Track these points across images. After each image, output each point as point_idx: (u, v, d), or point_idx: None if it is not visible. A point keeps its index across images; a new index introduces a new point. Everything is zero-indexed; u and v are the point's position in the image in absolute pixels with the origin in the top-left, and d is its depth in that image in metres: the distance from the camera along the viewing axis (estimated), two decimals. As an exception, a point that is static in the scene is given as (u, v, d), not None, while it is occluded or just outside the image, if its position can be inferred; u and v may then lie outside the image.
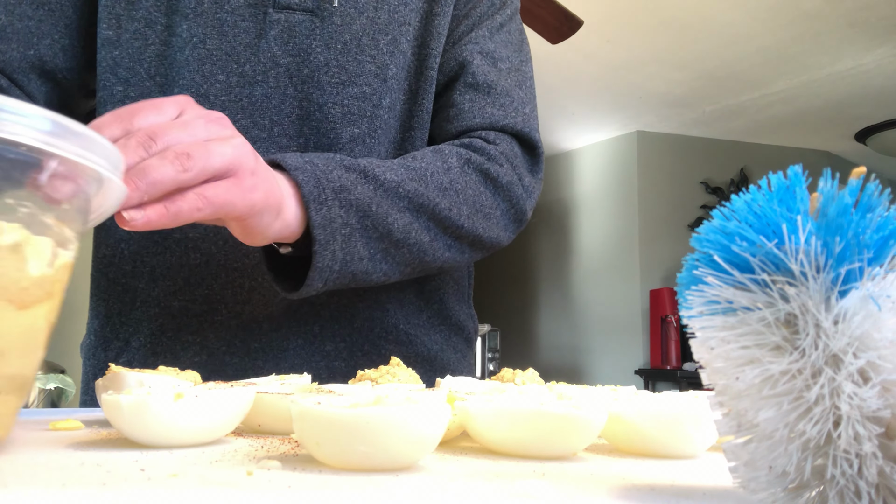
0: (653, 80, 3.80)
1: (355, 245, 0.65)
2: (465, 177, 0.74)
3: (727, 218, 0.28)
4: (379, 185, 0.67)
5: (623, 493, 0.33)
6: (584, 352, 4.81)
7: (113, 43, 0.74)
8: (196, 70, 0.73)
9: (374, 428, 0.35)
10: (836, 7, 2.97)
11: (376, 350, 0.79)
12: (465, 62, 0.81)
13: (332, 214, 0.62)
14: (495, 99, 0.80)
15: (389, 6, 0.78)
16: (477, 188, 0.75)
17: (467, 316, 0.90)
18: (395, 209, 0.68)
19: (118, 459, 0.38)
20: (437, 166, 0.73)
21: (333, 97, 0.75)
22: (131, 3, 0.74)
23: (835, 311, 0.25)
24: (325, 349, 0.77)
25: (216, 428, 0.44)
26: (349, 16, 0.76)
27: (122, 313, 0.77)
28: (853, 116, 4.15)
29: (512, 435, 0.42)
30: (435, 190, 0.71)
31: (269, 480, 0.33)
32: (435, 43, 0.80)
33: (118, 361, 0.76)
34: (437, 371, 0.84)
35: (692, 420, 0.43)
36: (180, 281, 0.74)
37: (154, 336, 0.75)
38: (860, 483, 0.25)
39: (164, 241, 0.74)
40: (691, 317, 0.29)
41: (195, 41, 0.73)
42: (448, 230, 0.72)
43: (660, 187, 4.59)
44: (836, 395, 0.25)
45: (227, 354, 0.75)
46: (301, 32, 0.75)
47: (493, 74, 0.81)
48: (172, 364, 0.73)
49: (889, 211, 0.26)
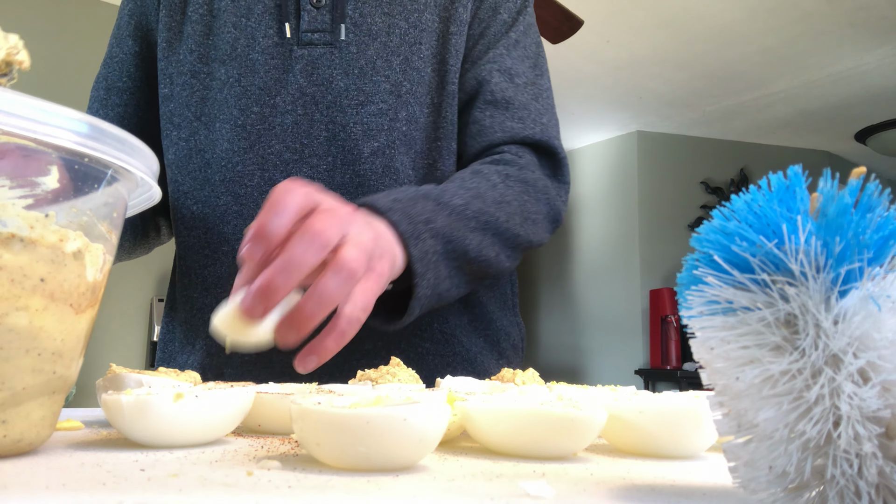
0: (653, 80, 3.80)
1: (440, 269, 0.70)
2: (509, 189, 0.80)
3: (727, 218, 0.28)
4: (451, 211, 0.72)
5: (623, 493, 0.33)
6: (584, 352, 4.81)
7: (168, 98, 0.87)
8: (234, 105, 0.83)
9: (374, 428, 0.35)
10: (836, 7, 2.97)
11: (413, 349, 0.83)
12: (483, 81, 0.87)
13: (425, 247, 0.67)
14: (514, 113, 0.86)
15: (400, 30, 0.85)
16: (521, 197, 0.81)
17: (511, 323, 0.93)
18: (468, 230, 0.73)
19: (118, 459, 0.38)
20: (485, 185, 0.79)
21: (354, 117, 0.83)
22: (179, 60, 0.86)
23: (835, 311, 0.25)
24: (365, 348, 0.81)
25: (216, 428, 0.44)
26: (363, 43, 0.84)
27: (186, 321, 0.87)
28: (853, 116, 4.15)
29: (512, 435, 0.42)
30: (492, 206, 0.77)
31: (269, 480, 0.33)
32: (453, 60, 0.87)
33: (187, 363, 0.86)
34: (479, 374, 0.86)
35: (692, 420, 0.43)
36: (229, 288, 0.81)
37: (209, 339, 0.83)
38: (860, 483, 0.25)
39: (213, 255, 0.84)
40: (691, 317, 0.29)
41: (231, 81, 0.83)
42: (507, 241, 0.79)
43: (660, 187, 4.59)
44: (836, 395, 0.25)
45: (274, 353, 0.81)
46: (322, 64, 0.83)
47: (511, 90, 0.87)
48: (226, 363, 0.82)
49: (889, 211, 0.26)
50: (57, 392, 0.39)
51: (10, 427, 0.36)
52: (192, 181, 0.85)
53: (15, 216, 0.35)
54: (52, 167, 0.37)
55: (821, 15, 3.04)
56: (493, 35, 0.90)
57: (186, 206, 0.85)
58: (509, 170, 0.83)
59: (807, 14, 3.04)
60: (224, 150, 0.83)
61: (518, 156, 0.85)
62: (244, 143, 0.82)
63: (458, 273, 0.73)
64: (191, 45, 0.86)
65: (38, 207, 0.37)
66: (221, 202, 0.83)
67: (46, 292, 0.36)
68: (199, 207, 0.85)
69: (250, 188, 0.82)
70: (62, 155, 0.36)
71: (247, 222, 0.81)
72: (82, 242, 0.38)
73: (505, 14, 0.91)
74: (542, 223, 0.84)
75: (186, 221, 0.86)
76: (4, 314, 0.35)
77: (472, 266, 0.75)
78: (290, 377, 0.80)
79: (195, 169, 0.85)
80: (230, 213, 0.82)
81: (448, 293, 0.73)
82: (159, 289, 3.17)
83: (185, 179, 0.85)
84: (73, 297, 0.38)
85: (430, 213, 0.70)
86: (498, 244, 0.77)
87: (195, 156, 0.85)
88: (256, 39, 0.84)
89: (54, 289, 0.37)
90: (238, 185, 0.82)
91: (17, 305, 0.35)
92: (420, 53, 0.86)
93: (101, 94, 0.91)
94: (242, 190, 0.82)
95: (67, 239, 0.37)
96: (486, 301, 0.90)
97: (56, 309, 0.37)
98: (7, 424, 0.36)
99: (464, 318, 0.88)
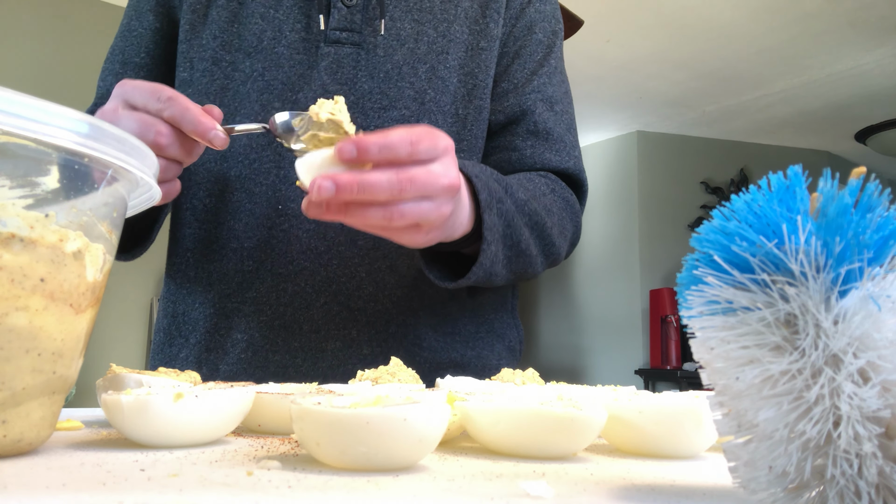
0: (653, 80, 3.80)
1: (499, 250, 0.72)
2: (555, 203, 0.84)
3: (727, 218, 0.28)
4: (515, 201, 0.75)
5: (623, 493, 0.33)
6: (584, 352, 4.81)
7: (187, 83, 0.85)
8: (255, 100, 0.82)
9: (374, 428, 0.35)
10: (836, 7, 2.97)
11: (410, 357, 0.83)
12: (528, 110, 0.89)
13: (493, 220, 0.70)
14: (552, 145, 0.89)
15: (429, 38, 0.86)
16: (561, 213, 0.84)
17: (509, 325, 0.94)
18: (523, 223, 0.76)
19: (118, 459, 0.38)
20: (538, 191, 0.81)
21: (375, 121, 0.83)
22: (202, 46, 0.84)
23: (835, 311, 0.25)
24: (363, 352, 0.82)
25: (216, 428, 0.44)
26: (391, 47, 0.84)
27: (185, 314, 0.86)
28: (853, 116, 4.15)
29: (512, 435, 0.42)
30: (543, 210, 0.79)
31: (269, 480, 0.33)
32: (483, 75, 0.88)
33: (178, 357, 0.85)
34: (477, 376, 0.87)
35: (692, 420, 0.43)
36: (234, 285, 0.83)
37: (208, 334, 0.83)
38: (860, 483, 0.25)
39: (221, 250, 0.83)
40: (691, 317, 0.29)
41: (255, 75, 0.83)
42: (546, 246, 0.81)
43: (660, 187, 4.58)
44: (836, 395, 0.25)
45: (270, 352, 0.81)
46: (348, 64, 0.83)
47: (552, 120, 0.90)
48: (221, 359, 0.82)
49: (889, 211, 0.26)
50: (57, 392, 0.39)
51: (9, 427, 0.36)
52: (205, 172, 0.84)
53: (15, 216, 0.35)
54: (51, 167, 0.37)
55: (821, 15, 3.04)
56: (529, 55, 0.91)
57: (199, 197, 0.85)
58: (554, 186, 0.86)
59: (807, 14, 3.03)
60: (242, 145, 0.82)
61: (554, 179, 0.88)
62: (263, 139, 0.82)
63: (507, 262, 0.75)
64: (215, 30, 0.84)
65: (38, 208, 0.37)
66: (235, 198, 0.82)
67: (46, 292, 0.36)
68: (212, 201, 0.84)
69: (265, 186, 0.81)
70: (63, 155, 0.36)
71: (259, 221, 0.81)
72: (82, 242, 0.38)
73: (540, 34, 0.92)
74: (568, 240, 0.87)
75: (197, 213, 0.85)
76: (4, 314, 0.35)
77: (518, 259, 0.77)
78: (283, 378, 0.80)
79: (209, 161, 0.84)
80: (243, 211, 0.82)
81: (496, 279, 0.75)
82: (159, 289, 3.18)
83: (199, 170, 0.85)
84: (73, 297, 0.38)
85: (500, 194, 0.72)
86: (539, 247, 0.80)
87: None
88: (283, 33, 0.83)
89: (54, 289, 0.37)
90: (254, 182, 0.82)
91: (17, 305, 0.35)
92: (446, 63, 0.86)
93: (115, 68, 0.88)
94: (258, 188, 0.82)
95: (67, 239, 0.37)
96: (486, 303, 0.90)
97: (56, 309, 0.37)
98: (7, 424, 0.36)
99: (458, 323, 0.88)
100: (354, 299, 0.81)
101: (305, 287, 0.81)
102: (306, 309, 0.81)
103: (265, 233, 0.81)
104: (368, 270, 0.81)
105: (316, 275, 0.80)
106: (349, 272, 0.81)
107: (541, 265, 0.82)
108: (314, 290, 0.80)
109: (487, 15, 0.89)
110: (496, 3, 0.89)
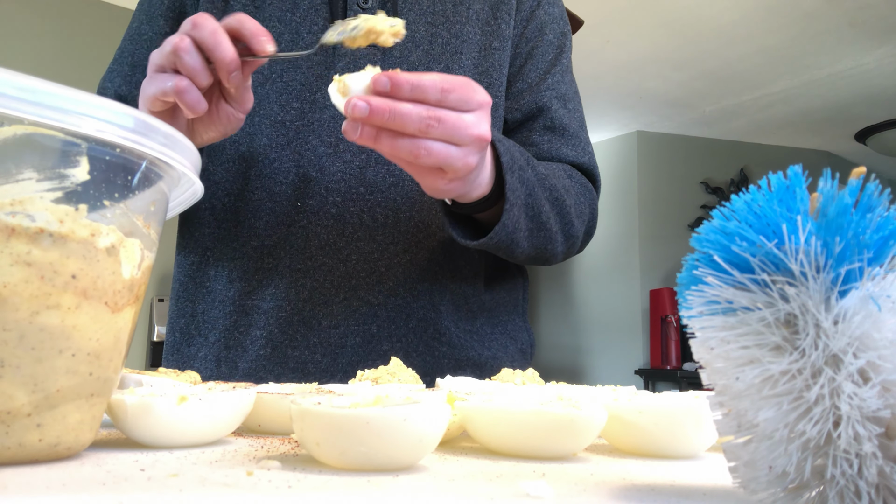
0: (653, 80, 3.80)
1: (520, 217, 0.74)
2: (574, 185, 0.87)
3: (727, 218, 0.28)
4: (537, 173, 0.77)
5: (623, 493, 0.33)
6: (584, 352, 4.81)
7: None
8: (274, 101, 0.84)
9: (374, 428, 0.35)
10: (836, 7, 2.97)
11: (430, 352, 0.84)
12: (544, 107, 0.92)
13: (515, 184, 0.71)
14: (568, 140, 0.92)
15: (442, 39, 0.88)
16: (579, 197, 0.87)
17: (521, 328, 0.95)
18: (544, 197, 0.78)
19: (118, 459, 0.38)
20: (558, 173, 0.84)
21: None
22: None
23: (835, 311, 0.25)
24: (382, 348, 0.82)
25: (218, 429, 0.44)
26: (406, 49, 0.87)
27: (205, 312, 0.86)
28: (853, 116, 4.15)
29: (512, 435, 0.42)
30: (563, 189, 0.82)
31: (269, 480, 0.33)
32: (497, 74, 0.90)
33: (198, 356, 0.85)
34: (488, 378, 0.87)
35: (692, 420, 0.43)
36: (254, 282, 0.84)
37: (228, 332, 0.84)
38: (860, 483, 0.25)
39: (242, 248, 0.84)
40: (691, 317, 0.29)
41: (274, 77, 0.84)
42: (565, 225, 0.83)
43: (660, 187, 4.58)
44: (836, 395, 0.25)
45: (290, 349, 0.82)
46: (365, 64, 0.85)
47: (567, 117, 0.93)
48: (241, 357, 0.83)
49: (889, 211, 0.26)
50: (96, 395, 0.37)
51: (45, 431, 0.34)
52: (224, 172, 0.85)
53: (43, 210, 0.33)
54: (81, 158, 0.35)
55: (821, 15, 3.04)
56: (542, 56, 0.94)
57: (217, 196, 0.85)
58: (572, 173, 0.89)
59: (807, 14, 3.04)
60: (262, 145, 0.83)
61: (571, 169, 0.91)
62: (283, 139, 0.83)
63: (529, 234, 0.77)
64: None
65: (67, 201, 0.34)
66: (255, 197, 0.83)
67: (79, 289, 0.34)
68: (231, 200, 0.84)
69: (285, 185, 0.82)
70: (106, 149, 0.35)
71: (279, 219, 0.82)
72: (116, 237, 0.36)
73: (551, 35, 0.95)
74: (584, 225, 0.89)
75: (217, 213, 0.85)
76: (35, 313, 0.33)
77: (539, 232, 0.78)
78: (302, 374, 0.80)
79: (228, 160, 0.85)
80: (263, 210, 0.83)
81: (516, 248, 0.77)
82: (159, 289, 3.17)
83: (217, 170, 0.85)
84: (108, 295, 0.36)
85: (522, 163, 0.74)
86: (559, 224, 0.82)
87: (229, 147, 0.85)
88: (301, 35, 0.85)
89: (87, 286, 0.35)
90: (273, 181, 0.83)
91: (48, 304, 0.33)
92: (460, 63, 0.88)
93: (125, 70, 0.88)
94: (277, 187, 0.82)
95: (100, 234, 0.35)
96: (499, 305, 0.91)
97: (90, 307, 0.35)
98: (42, 428, 0.34)
99: (476, 321, 0.88)
100: (374, 294, 0.81)
101: (324, 283, 0.82)
102: (325, 305, 0.81)
103: (284, 230, 0.82)
104: (388, 265, 0.82)
105: (335, 270, 0.81)
106: (368, 267, 0.81)
107: (560, 244, 0.84)
108: (333, 285, 0.81)
109: (499, 16, 0.91)
110: (506, 6, 0.92)
